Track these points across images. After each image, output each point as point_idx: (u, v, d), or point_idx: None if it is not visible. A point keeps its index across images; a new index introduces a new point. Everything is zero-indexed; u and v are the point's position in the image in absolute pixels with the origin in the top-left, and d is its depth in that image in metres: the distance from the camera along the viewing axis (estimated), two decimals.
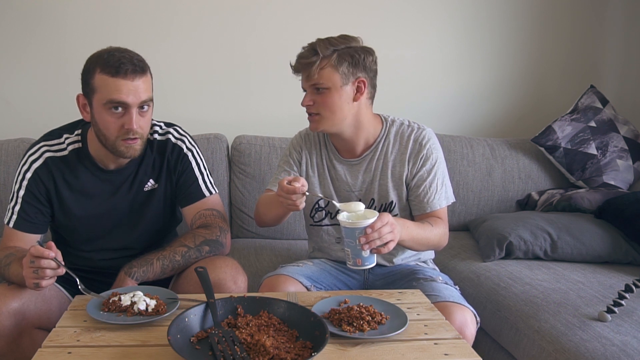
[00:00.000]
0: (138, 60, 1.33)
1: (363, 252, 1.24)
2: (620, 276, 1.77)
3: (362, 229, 1.23)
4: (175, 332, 1.04)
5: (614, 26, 2.66)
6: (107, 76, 1.30)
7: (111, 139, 1.35)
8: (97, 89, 1.32)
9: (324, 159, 1.60)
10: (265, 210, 1.56)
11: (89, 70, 1.34)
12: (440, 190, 1.54)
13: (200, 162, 1.53)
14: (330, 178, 1.59)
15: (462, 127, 2.62)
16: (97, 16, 2.32)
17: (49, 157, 1.43)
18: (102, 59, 1.32)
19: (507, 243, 1.91)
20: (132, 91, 1.31)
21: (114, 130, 1.34)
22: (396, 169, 1.55)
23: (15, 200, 1.42)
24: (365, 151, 1.56)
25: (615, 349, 1.31)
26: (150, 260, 1.36)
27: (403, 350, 1.07)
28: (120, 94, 1.30)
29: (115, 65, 1.30)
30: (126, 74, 1.30)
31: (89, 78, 1.33)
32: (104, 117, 1.34)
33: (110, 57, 1.31)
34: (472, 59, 2.60)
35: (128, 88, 1.30)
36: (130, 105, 1.32)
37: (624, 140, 2.37)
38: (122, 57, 1.31)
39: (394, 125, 1.57)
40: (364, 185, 1.57)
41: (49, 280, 1.19)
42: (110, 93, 1.30)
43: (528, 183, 2.37)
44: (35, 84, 2.34)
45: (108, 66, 1.30)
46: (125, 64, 1.30)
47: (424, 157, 1.53)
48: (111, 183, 1.46)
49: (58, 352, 1.04)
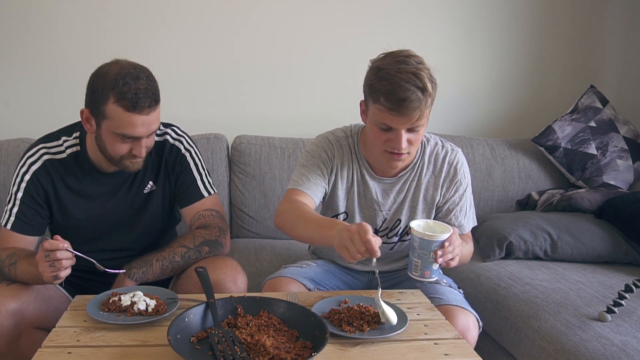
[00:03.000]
0: (153, 92, 1.29)
1: (434, 265, 1.22)
2: (620, 276, 1.77)
3: (440, 242, 1.21)
4: (175, 332, 1.04)
5: (614, 26, 2.66)
6: (122, 109, 1.26)
7: (116, 159, 1.36)
8: (110, 117, 1.29)
9: (355, 173, 1.49)
10: (297, 227, 1.35)
11: (100, 94, 1.28)
12: (469, 213, 1.53)
13: (199, 162, 1.53)
14: (358, 194, 1.50)
15: (462, 127, 2.61)
16: (97, 17, 2.32)
17: (48, 160, 1.42)
18: (117, 87, 1.26)
19: (507, 243, 1.91)
20: (146, 124, 1.30)
21: (121, 152, 1.34)
22: (429, 192, 1.50)
23: (13, 202, 1.42)
24: (401, 171, 1.49)
25: (615, 349, 1.31)
26: (149, 261, 1.36)
27: (403, 350, 1.07)
28: (135, 128, 1.29)
29: (132, 99, 1.25)
30: (142, 110, 1.27)
31: (100, 103, 1.28)
32: (111, 143, 1.33)
33: (126, 87, 1.25)
34: (472, 59, 2.60)
35: (142, 122, 1.29)
36: (142, 137, 1.32)
37: (624, 140, 2.37)
38: (138, 90, 1.26)
39: (428, 145, 1.50)
40: (394, 205, 1.51)
41: (66, 271, 1.19)
42: (124, 127, 1.28)
43: (528, 183, 2.37)
44: (35, 84, 2.34)
45: (124, 99, 1.26)
46: (143, 100, 1.26)
47: (457, 182, 1.50)
48: (110, 185, 1.46)
49: (58, 352, 1.04)
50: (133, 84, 1.26)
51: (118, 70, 1.28)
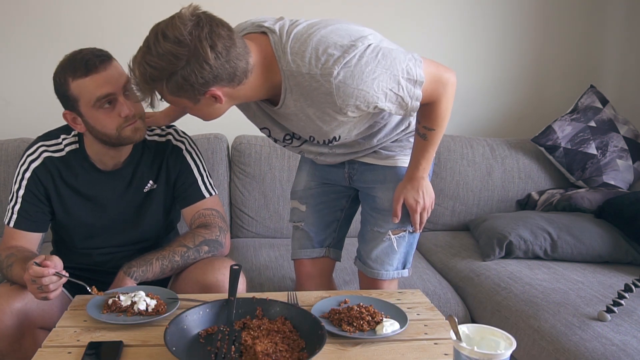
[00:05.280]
0: (98, 51, 1.33)
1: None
2: (620, 276, 1.77)
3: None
4: (174, 331, 1.04)
5: (614, 26, 2.66)
6: (81, 79, 1.29)
7: (114, 134, 1.35)
8: (79, 95, 1.31)
9: None
10: None
11: (61, 84, 1.32)
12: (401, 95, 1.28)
13: (200, 163, 1.53)
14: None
15: (462, 127, 2.61)
16: (97, 16, 2.32)
17: (47, 157, 1.43)
18: (68, 66, 1.31)
19: (507, 242, 1.91)
20: (111, 80, 1.31)
21: (113, 125, 1.33)
22: None
23: (15, 200, 1.42)
24: None
25: (615, 348, 1.31)
26: (149, 260, 1.36)
27: (403, 350, 1.07)
28: (101, 88, 1.30)
29: (82, 65, 1.29)
30: (97, 67, 1.29)
31: (65, 91, 1.32)
32: (98, 118, 1.33)
33: (73, 61, 1.30)
34: (472, 59, 2.60)
35: (105, 79, 1.30)
36: (116, 93, 1.31)
37: (624, 140, 2.37)
38: (83, 56, 1.30)
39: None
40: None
41: (55, 292, 1.18)
42: (93, 92, 1.30)
43: (528, 183, 2.37)
44: (35, 84, 2.34)
45: (76, 69, 1.29)
46: (91, 59, 1.29)
47: None
48: (109, 183, 1.46)
49: (58, 352, 1.04)
50: (78, 55, 1.31)
51: (65, 58, 1.34)
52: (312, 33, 1.18)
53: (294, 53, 1.16)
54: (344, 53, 1.14)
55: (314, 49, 1.15)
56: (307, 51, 1.15)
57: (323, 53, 1.14)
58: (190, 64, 1.07)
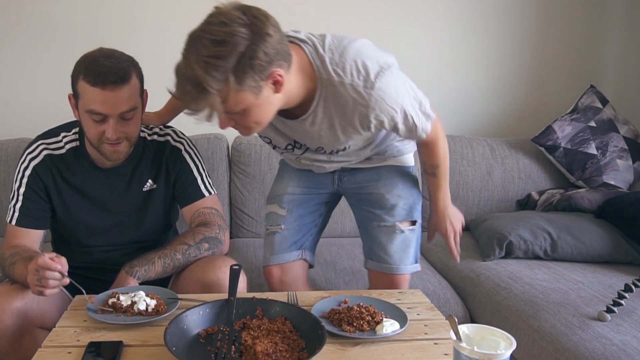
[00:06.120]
0: (120, 69, 1.28)
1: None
2: (620, 276, 1.77)
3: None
4: (174, 331, 1.04)
5: (614, 26, 2.66)
6: (88, 85, 1.28)
7: (95, 143, 1.36)
8: (80, 95, 1.31)
9: None
10: None
11: (75, 74, 1.32)
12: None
13: (199, 163, 1.54)
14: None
15: (462, 127, 2.61)
16: (97, 16, 2.32)
17: (47, 155, 1.43)
18: (86, 64, 1.29)
19: (507, 242, 1.91)
20: (111, 103, 1.28)
21: (96, 136, 1.34)
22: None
23: (16, 198, 1.43)
24: None
25: (615, 348, 1.31)
26: (151, 259, 1.36)
27: (403, 350, 1.07)
28: (97, 104, 1.28)
29: (94, 74, 1.26)
30: (104, 84, 1.26)
31: (74, 82, 1.32)
32: (86, 122, 1.34)
33: (93, 64, 1.28)
34: (472, 59, 2.60)
35: (105, 99, 1.27)
36: (109, 116, 1.30)
37: (624, 140, 2.37)
38: (104, 66, 1.27)
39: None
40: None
41: (52, 290, 1.18)
42: (89, 103, 1.29)
43: (528, 183, 2.37)
44: (35, 84, 2.34)
45: (88, 74, 1.27)
46: (105, 74, 1.26)
47: None
48: (108, 181, 1.47)
49: (58, 352, 1.04)
50: (102, 61, 1.28)
51: (94, 53, 1.32)
52: (346, 46, 1.20)
53: (334, 63, 1.18)
54: (381, 68, 1.18)
55: (353, 60, 1.18)
56: (347, 62, 1.17)
57: (363, 66, 1.17)
58: (255, 41, 1.04)
